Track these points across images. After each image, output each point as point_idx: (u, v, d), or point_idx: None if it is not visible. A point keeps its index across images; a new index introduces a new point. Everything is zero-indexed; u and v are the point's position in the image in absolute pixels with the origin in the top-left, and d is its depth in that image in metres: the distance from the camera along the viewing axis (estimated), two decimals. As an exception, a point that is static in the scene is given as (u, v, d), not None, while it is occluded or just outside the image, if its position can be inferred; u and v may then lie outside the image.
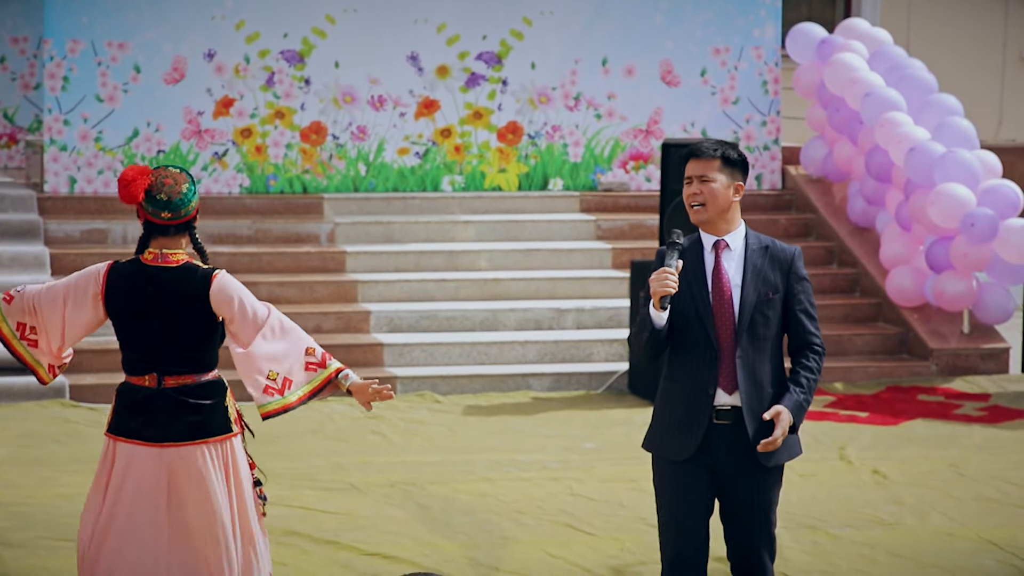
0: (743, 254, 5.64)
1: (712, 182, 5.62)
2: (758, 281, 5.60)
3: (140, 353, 5.70)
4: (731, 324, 5.58)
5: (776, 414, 5.51)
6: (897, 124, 12.38)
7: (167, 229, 5.70)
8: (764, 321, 5.59)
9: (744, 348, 5.57)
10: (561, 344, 11.92)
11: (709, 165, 5.63)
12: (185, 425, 5.68)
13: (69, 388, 10.94)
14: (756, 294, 5.59)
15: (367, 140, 13.31)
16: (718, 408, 5.58)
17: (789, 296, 5.64)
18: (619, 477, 9.05)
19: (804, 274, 5.69)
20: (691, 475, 5.61)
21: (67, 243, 12.35)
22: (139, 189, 5.65)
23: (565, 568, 7.59)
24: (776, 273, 5.63)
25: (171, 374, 5.69)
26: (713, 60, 13.77)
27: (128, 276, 5.71)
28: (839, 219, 13.41)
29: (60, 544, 7.78)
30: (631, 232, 13.19)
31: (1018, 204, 11.97)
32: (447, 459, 9.59)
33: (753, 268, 5.61)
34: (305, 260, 12.51)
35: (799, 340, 5.67)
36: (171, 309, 5.67)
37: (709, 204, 5.62)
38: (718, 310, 5.59)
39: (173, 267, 5.70)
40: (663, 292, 5.49)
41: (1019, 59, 17.53)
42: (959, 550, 7.91)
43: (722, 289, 5.60)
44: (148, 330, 5.69)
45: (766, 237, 5.71)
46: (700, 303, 5.59)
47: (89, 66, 12.80)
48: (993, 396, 11.59)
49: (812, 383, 5.62)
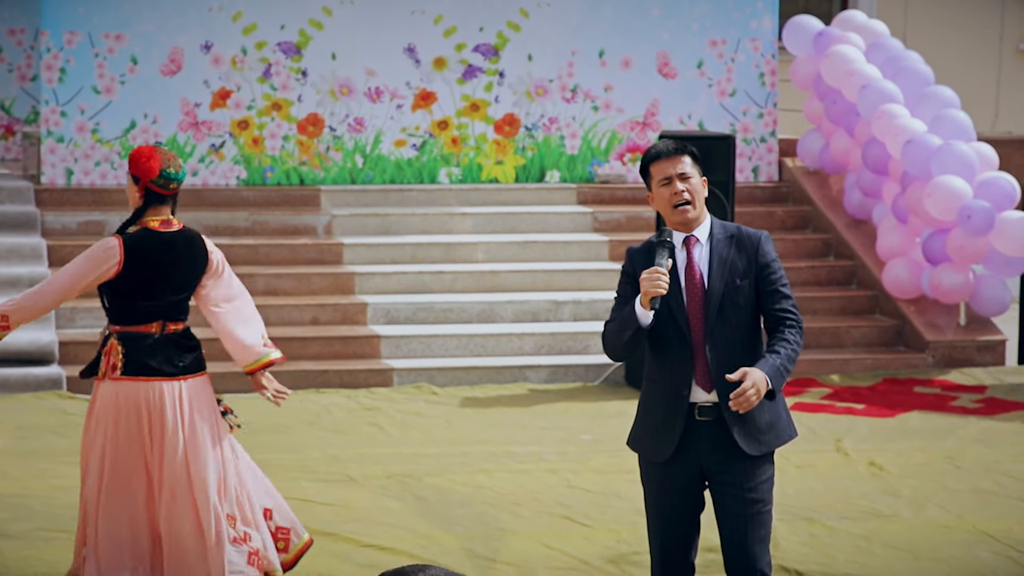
0: (710, 245, 5.57)
1: (692, 178, 5.55)
2: (724, 270, 5.52)
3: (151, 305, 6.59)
4: (702, 318, 5.51)
5: (743, 372, 5.37)
6: (894, 116, 12.39)
7: (167, 199, 6.63)
8: (735, 309, 5.51)
9: (716, 340, 5.49)
10: (558, 336, 11.92)
11: (683, 162, 5.55)
12: (192, 360, 6.70)
13: (66, 380, 10.94)
14: (723, 283, 5.51)
15: (364, 132, 13.31)
16: (700, 406, 5.51)
17: (759, 279, 5.55)
18: (616, 469, 9.06)
19: (773, 256, 5.59)
20: (675, 474, 5.57)
21: (64, 235, 12.35)
22: (156, 164, 6.56)
23: (562, 559, 7.60)
24: (743, 259, 5.54)
25: (173, 321, 6.67)
26: (710, 52, 13.77)
27: (144, 241, 6.57)
28: (836, 211, 13.42)
29: (57, 535, 7.79)
30: (628, 224, 13.19)
31: (1014, 196, 11.98)
32: (444, 451, 9.60)
33: (719, 258, 5.53)
34: (302, 252, 12.51)
35: (772, 318, 5.57)
36: (184, 267, 6.64)
37: (696, 201, 5.54)
38: (692, 307, 5.52)
39: (179, 231, 6.66)
40: (655, 292, 5.41)
41: (1015, 51, 17.54)
42: (955, 542, 7.92)
43: (695, 285, 5.53)
44: (165, 286, 6.59)
45: (732, 225, 5.63)
46: (674, 302, 5.52)
47: (86, 58, 12.80)
48: (989, 388, 11.60)
49: (790, 350, 5.48)
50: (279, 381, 6.91)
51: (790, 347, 5.50)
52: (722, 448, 5.52)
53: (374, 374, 11.40)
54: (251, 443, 9.66)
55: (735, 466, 5.52)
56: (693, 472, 5.57)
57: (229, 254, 12.44)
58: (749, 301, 5.54)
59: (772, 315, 5.58)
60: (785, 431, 5.61)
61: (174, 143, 12.96)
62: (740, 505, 5.54)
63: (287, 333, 11.59)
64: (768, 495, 5.59)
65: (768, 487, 5.59)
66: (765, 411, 5.53)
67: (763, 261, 5.56)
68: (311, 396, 10.96)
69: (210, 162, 13.06)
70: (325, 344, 11.62)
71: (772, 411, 5.57)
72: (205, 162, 13.05)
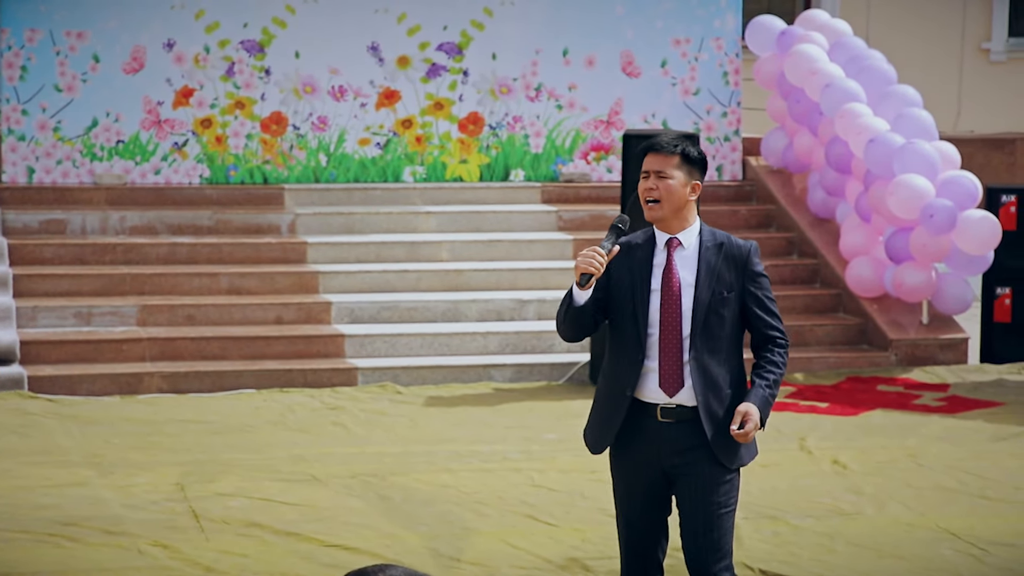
0: (697, 252, 5.52)
1: (669, 179, 5.50)
2: (712, 279, 5.48)
3: None
4: (677, 324, 5.47)
5: (745, 414, 5.42)
6: (856, 115, 12.42)
7: None
8: (719, 320, 5.48)
9: (698, 349, 5.46)
10: (522, 335, 11.92)
11: (668, 161, 5.51)
12: None
13: (28, 379, 10.88)
14: (710, 293, 5.47)
15: (328, 131, 13.28)
16: (663, 407, 5.50)
17: (745, 293, 5.52)
18: (580, 468, 9.06)
19: (760, 269, 5.56)
20: (636, 471, 5.58)
21: (25, 233, 12.28)
22: None
23: (526, 558, 7.59)
24: (731, 271, 5.51)
25: None
26: (674, 51, 13.78)
27: None
28: (799, 210, 13.45)
29: (18, 536, 7.74)
30: (592, 223, 13.20)
31: (976, 195, 12.03)
32: (408, 450, 9.58)
33: (707, 266, 5.49)
34: (266, 251, 12.48)
35: (760, 336, 5.57)
36: None
37: (664, 201, 5.50)
38: (666, 310, 5.49)
39: None
40: (584, 269, 5.39)
41: (977, 51, 17.62)
42: (918, 539, 7.95)
43: (671, 289, 5.50)
44: None
45: (722, 233, 5.60)
46: (638, 302, 5.49)
47: (48, 55, 12.73)
48: (952, 386, 11.64)
49: (777, 377, 5.53)
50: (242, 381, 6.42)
51: (777, 372, 5.54)
52: (686, 449, 5.52)
53: (338, 373, 11.38)
54: (215, 443, 9.65)
55: (699, 469, 5.52)
56: (655, 473, 5.56)
57: (192, 253, 12.46)
58: (733, 313, 5.51)
59: (759, 333, 5.57)
60: (753, 446, 5.64)
61: (136, 141, 12.90)
62: (702, 507, 5.52)
63: (251, 332, 11.55)
64: (730, 498, 5.58)
65: (730, 489, 5.58)
66: None
67: (751, 275, 5.53)
68: (275, 395, 10.92)
69: (173, 160, 13.01)
70: (289, 343, 11.59)
71: None
72: (168, 160, 12.99)
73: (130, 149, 12.90)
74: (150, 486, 8.63)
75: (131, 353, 11.25)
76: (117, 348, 11.29)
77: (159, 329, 11.53)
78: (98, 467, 8.96)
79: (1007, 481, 9.03)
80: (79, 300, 11.68)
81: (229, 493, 8.51)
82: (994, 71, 17.59)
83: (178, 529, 7.92)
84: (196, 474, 8.85)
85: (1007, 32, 17.60)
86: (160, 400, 10.80)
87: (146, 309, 11.63)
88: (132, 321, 11.59)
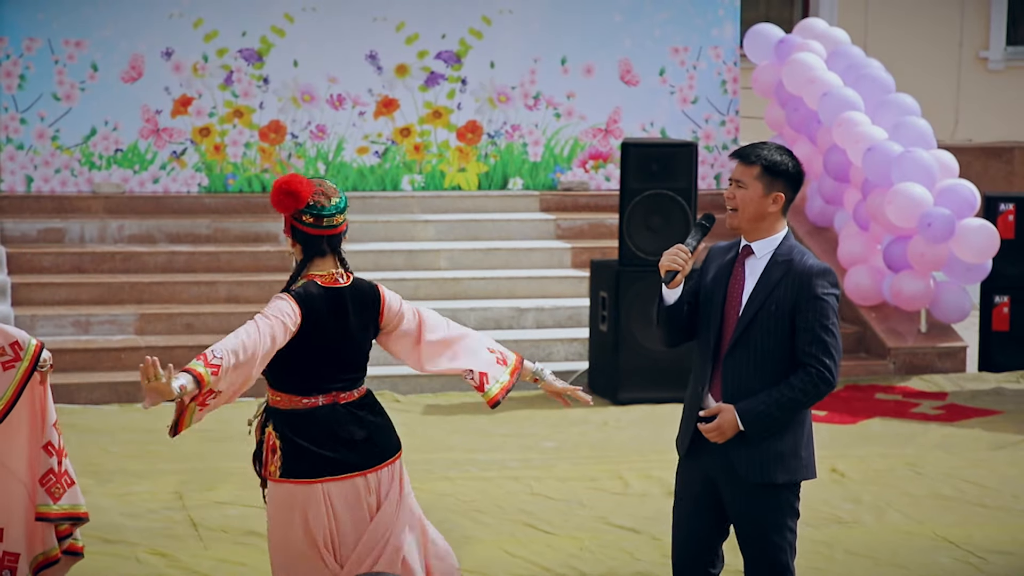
0: (765, 264, 5.45)
1: (746, 188, 5.46)
2: (765, 293, 5.39)
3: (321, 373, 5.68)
4: (727, 332, 5.45)
5: (718, 411, 5.38)
6: (855, 124, 12.44)
7: None
8: (763, 335, 5.38)
9: (736, 358, 5.40)
10: (521, 343, 11.92)
11: (748, 171, 5.46)
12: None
13: (26, 388, 10.87)
14: (759, 305, 5.39)
15: (326, 139, 13.29)
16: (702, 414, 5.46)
17: (796, 313, 5.37)
18: (578, 476, 9.06)
19: (819, 292, 5.35)
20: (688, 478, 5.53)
21: (24, 242, 12.29)
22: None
23: (524, 567, 7.59)
24: (790, 288, 5.37)
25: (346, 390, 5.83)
26: (672, 60, 13.80)
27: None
28: (797, 218, 13.46)
29: None
30: (591, 231, 13.20)
31: (975, 204, 12.04)
32: (406, 458, 9.53)
33: (766, 279, 5.41)
34: (264, 259, 12.48)
35: (797, 358, 5.39)
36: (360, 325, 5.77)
37: (740, 210, 5.46)
38: (729, 315, 5.45)
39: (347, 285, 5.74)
40: (668, 267, 5.41)
41: (975, 59, 17.64)
42: (916, 548, 7.95)
43: (735, 295, 5.47)
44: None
45: (801, 251, 5.45)
46: (714, 305, 5.47)
47: (46, 64, 12.74)
48: (950, 395, 11.64)
49: (787, 399, 5.33)
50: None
51: (792, 393, 5.34)
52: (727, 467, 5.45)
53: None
54: (213, 451, 9.63)
55: (739, 491, 5.43)
56: (705, 482, 5.49)
57: (191, 262, 12.46)
58: (783, 331, 5.38)
59: (798, 355, 5.39)
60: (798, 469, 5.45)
61: (135, 150, 12.91)
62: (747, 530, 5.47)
63: (249, 341, 11.55)
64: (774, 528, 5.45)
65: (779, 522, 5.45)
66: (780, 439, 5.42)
67: (808, 295, 5.37)
68: (273, 404, 10.91)
69: (171, 169, 13.02)
70: (287, 352, 11.57)
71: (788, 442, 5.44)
72: (166, 169, 13.00)
73: (128, 158, 12.91)
74: (148, 495, 8.64)
75: (130, 362, 11.25)
76: (116, 357, 11.30)
77: (158, 338, 11.53)
78: (96, 475, 8.95)
79: (1005, 489, 9.03)
80: (77, 309, 11.69)
81: (227, 502, 8.51)
82: (992, 80, 17.61)
83: (176, 537, 7.92)
84: (194, 483, 8.85)
85: (1005, 41, 17.62)
86: (159, 409, 10.78)
87: (144, 318, 11.63)
88: (131, 330, 11.59)
